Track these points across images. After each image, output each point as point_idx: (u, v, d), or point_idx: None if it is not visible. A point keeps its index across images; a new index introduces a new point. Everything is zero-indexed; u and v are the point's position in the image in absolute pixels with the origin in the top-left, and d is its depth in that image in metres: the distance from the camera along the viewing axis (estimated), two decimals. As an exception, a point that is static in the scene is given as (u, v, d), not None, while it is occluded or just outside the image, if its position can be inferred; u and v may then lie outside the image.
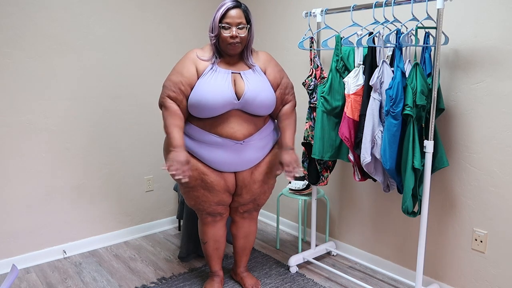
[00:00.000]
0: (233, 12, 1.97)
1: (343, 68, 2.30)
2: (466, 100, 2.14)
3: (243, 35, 2.01)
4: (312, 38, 2.45)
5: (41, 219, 2.77)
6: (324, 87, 2.29)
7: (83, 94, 2.83)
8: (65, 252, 2.88)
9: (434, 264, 2.39)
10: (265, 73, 2.15)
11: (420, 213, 2.12)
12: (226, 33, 1.98)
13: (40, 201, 2.75)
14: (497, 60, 2.00)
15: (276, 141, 2.27)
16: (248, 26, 2.03)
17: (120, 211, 3.12)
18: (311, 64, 2.45)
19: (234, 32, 1.97)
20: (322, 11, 2.41)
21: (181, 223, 3.32)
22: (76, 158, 2.86)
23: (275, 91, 2.17)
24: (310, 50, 2.46)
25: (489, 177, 2.09)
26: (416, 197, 2.10)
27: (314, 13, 2.45)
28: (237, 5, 2.00)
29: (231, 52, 2.04)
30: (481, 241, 2.15)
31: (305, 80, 2.46)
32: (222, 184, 2.16)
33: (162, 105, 2.09)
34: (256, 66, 2.13)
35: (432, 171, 2.11)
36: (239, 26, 1.98)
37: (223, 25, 1.98)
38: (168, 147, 2.16)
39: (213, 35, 2.03)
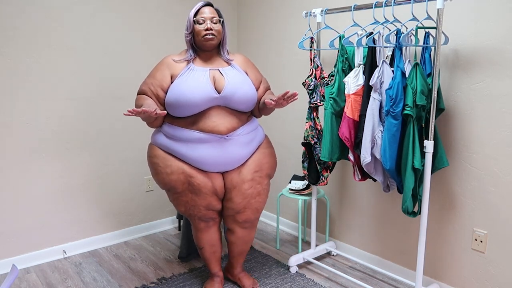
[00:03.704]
0: (206, 9, 2.11)
1: (349, 69, 2.30)
2: (466, 100, 2.14)
3: (217, 28, 2.10)
4: (312, 38, 2.45)
5: (41, 219, 2.77)
6: (333, 88, 2.28)
7: (83, 94, 2.83)
8: (65, 252, 2.88)
9: (434, 264, 2.39)
10: (246, 73, 2.22)
11: (420, 213, 2.12)
12: (200, 27, 2.08)
13: (40, 201, 2.75)
14: (497, 60, 2.00)
15: (262, 140, 2.27)
16: (222, 20, 2.13)
17: (120, 211, 3.12)
18: (311, 64, 2.45)
19: (208, 25, 2.07)
20: (322, 11, 2.42)
21: (181, 223, 3.32)
22: (76, 158, 2.86)
23: (258, 88, 2.26)
24: (310, 50, 2.46)
25: (489, 177, 2.10)
26: (416, 197, 2.10)
27: (314, 13, 2.45)
28: (210, 3, 2.14)
29: (207, 46, 2.10)
30: (481, 241, 2.15)
31: (305, 80, 2.46)
32: (209, 186, 2.14)
33: (135, 101, 2.20)
34: (234, 63, 2.20)
35: (432, 171, 2.11)
36: (213, 20, 2.09)
37: (197, 19, 2.08)
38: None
39: (188, 32, 2.13)
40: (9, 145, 2.59)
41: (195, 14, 2.09)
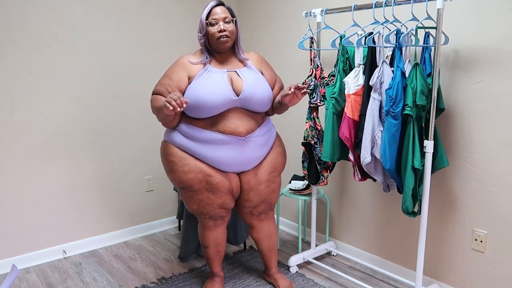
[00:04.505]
0: (218, 9, 2.07)
1: (349, 69, 2.30)
2: (466, 100, 2.14)
3: (231, 29, 2.08)
4: (312, 38, 2.45)
5: (41, 219, 2.77)
6: (334, 88, 2.27)
7: (83, 94, 2.83)
8: (65, 252, 2.88)
9: (434, 264, 2.39)
10: (262, 73, 2.21)
11: (420, 213, 2.12)
12: (214, 29, 2.06)
13: (40, 201, 2.75)
14: (497, 60, 2.00)
15: (275, 139, 2.29)
16: (234, 19, 2.10)
17: (120, 211, 3.12)
18: (311, 64, 2.45)
19: (221, 26, 2.04)
20: (322, 11, 2.42)
21: (181, 223, 3.32)
22: (76, 158, 2.86)
23: (273, 88, 2.25)
24: (310, 50, 2.46)
25: (489, 177, 2.09)
26: (416, 197, 2.10)
27: (314, 13, 2.45)
28: (221, 3, 2.10)
29: (221, 48, 2.09)
30: (481, 241, 2.15)
31: (305, 80, 2.46)
32: (227, 185, 2.16)
33: (151, 101, 2.16)
34: (249, 62, 2.19)
35: (432, 171, 2.11)
36: (226, 20, 2.06)
37: (210, 21, 2.05)
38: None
39: (201, 35, 2.10)
40: (9, 145, 2.59)
41: (207, 16, 2.06)
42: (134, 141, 3.11)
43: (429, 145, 2.00)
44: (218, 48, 2.09)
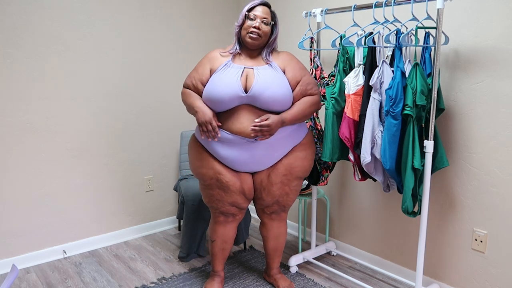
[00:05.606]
0: (261, 8, 2.11)
1: (349, 69, 2.30)
2: (466, 100, 2.14)
3: (265, 30, 2.10)
4: (312, 38, 2.45)
5: (41, 219, 2.77)
6: (334, 88, 2.27)
7: (83, 94, 2.83)
8: (65, 252, 2.88)
9: (434, 264, 2.39)
10: (284, 72, 2.14)
11: (420, 213, 2.12)
12: (249, 23, 2.09)
13: (40, 201, 2.75)
14: (497, 60, 2.00)
15: (299, 141, 2.21)
16: (272, 23, 2.13)
17: (120, 211, 3.12)
18: (311, 64, 2.46)
19: (257, 24, 2.07)
20: (322, 11, 2.42)
21: (181, 223, 3.32)
22: (76, 158, 2.86)
23: (294, 89, 2.12)
24: (310, 50, 2.46)
25: (489, 177, 2.09)
26: (416, 197, 2.10)
27: (314, 13, 2.45)
28: (267, 4, 2.13)
29: (250, 42, 2.10)
30: (481, 241, 2.15)
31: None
32: (237, 186, 2.16)
33: (181, 94, 2.24)
34: (273, 63, 2.15)
35: (432, 171, 2.11)
36: (264, 21, 2.09)
37: (249, 15, 2.09)
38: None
39: (237, 25, 2.14)
40: (9, 145, 2.59)
41: (250, 9, 2.10)
42: (134, 141, 3.11)
43: (429, 145, 2.00)
44: (246, 43, 2.12)
